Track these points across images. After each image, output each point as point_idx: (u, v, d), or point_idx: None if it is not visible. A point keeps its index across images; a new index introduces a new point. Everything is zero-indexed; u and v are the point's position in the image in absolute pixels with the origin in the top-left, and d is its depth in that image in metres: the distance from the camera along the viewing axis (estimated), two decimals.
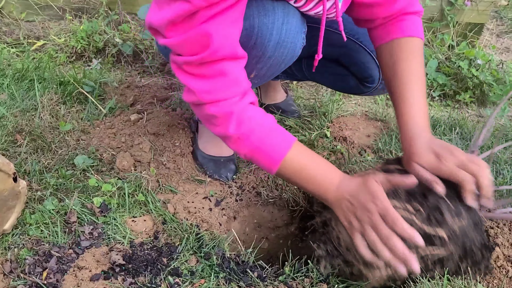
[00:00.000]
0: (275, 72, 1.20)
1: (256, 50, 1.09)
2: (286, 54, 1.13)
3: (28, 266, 1.09)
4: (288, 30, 1.09)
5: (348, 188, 0.99)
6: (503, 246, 1.21)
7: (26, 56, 2.01)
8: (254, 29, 1.06)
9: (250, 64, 1.12)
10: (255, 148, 1.03)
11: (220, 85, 0.99)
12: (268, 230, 1.44)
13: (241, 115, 1.01)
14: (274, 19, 1.06)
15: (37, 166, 1.38)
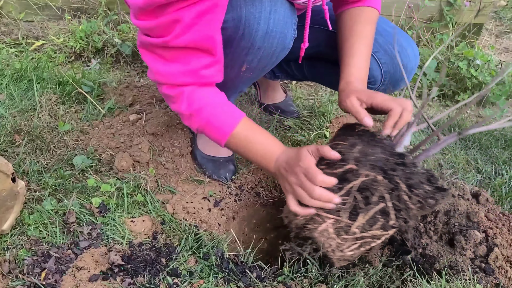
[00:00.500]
0: (268, 64, 1.19)
1: (244, 41, 1.09)
2: (276, 45, 1.13)
3: (26, 267, 1.09)
4: (276, 20, 1.08)
5: (284, 158, 1.07)
6: (502, 246, 1.21)
7: (25, 56, 2.01)
8: (241, 19, 1.06)
9: (240, 56, 1.13)
10: (206, 123, 1.12)
11: (176, 71, 1.05)
12: (267, 231, 1.44)
13: (192, 95, 1.09)
14: (261, 8, 1.06)
15: (36, 166, 1.38)
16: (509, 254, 1.19)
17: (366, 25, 1.23)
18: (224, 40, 1.09)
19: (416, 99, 2.14)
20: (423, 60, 2.19)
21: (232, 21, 1.07)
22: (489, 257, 1.18)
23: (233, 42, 1.10)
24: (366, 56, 1.20)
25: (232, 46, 1.11)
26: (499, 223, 1.31)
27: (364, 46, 1.20)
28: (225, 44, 1.10)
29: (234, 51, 1.13)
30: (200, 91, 1.10)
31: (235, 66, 1.17)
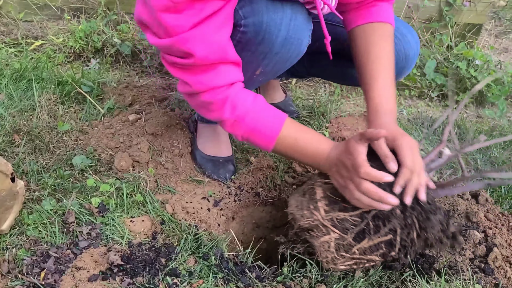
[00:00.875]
0: (280, 69, 1.20)
1: (263, 46, 1.10)
2: (293, 51, 1.13)
3: (26, 267, 1.09)
4: (295, 26, 1.09)
5: (335, 153, 1.05)
6: (501, 246, 1.21)
7: (24, 56, 2.01)
8: (262, 24, 1.07)
9: (256, 60, 1.13)
10: (251, 129, 1.09)
11: (212, 75, 1.04)
12: (266, 231, 1.44)
13: (235, 99, 1.07)
14: (282, 15, 1.07)
15: (35, 166, 1.38)
16: (508, 254, 1.20)
17: (382, 44, 1.17)
18: (242, 44, 1.10)
19: (416, 99, 2.14)
20: (422, 60, 2.19)
21: (253, 26, 1.07)
22: (489, 257, 1.18)
23: (251, 46, 1.10)
24: (389, 78, 1.15)
25: (250, 50, 1.12)
26: (499, 223, 1.31)
27: (384, 68, 1.16)
28: (243, 47, 1.11)
29: (251, 55, 1.13)
30: (241, 96, 1.08)
31: (249, 70, 1.17)
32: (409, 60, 1.34)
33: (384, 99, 1.12)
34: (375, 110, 1.12)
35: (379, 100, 1.12)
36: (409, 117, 1.93)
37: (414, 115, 1.96)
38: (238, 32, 1.09)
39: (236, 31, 1.09)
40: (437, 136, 1.78)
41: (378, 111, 1.11)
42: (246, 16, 1.07)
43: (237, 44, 1.11)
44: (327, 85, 2.12)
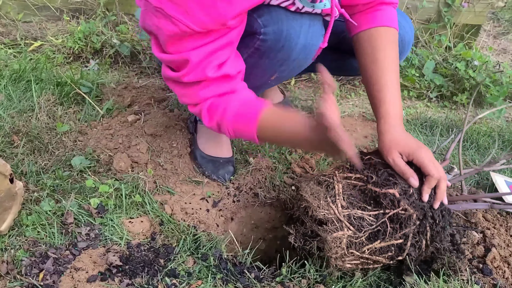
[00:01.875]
0: (295, 74, 1.22)
1: (282, 53, 1.11)
2: (308, 55, 1.15)
3: (24, 268, 1.09)
4: (313, 33, 1.11)
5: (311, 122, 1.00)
6: (499, 247, 1.21)
7: (23, 57, 2.01)
8: (282, 32, 1.08)
9: (274, 67, 1.15)
10: (234, 128, 1.10)
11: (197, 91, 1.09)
12: (265, 231, 1.44)
13: (211, 108, 1.10)
14: (301, 22, 1.09)
15: (34, 167, 1.38)
16: (506, 255, 1.20)
17: (388, 50, 1.18)
18: (260, 51, 1.12)
19: (415, 100, 2.14)
20: (421, 61, 2.20)
21: (273, 34, 1.08)
22: (487, 257, 1.19)
23: (270, 54, 1.12)
24: (396, 84, 1.17)
25: (268, 57, 1.13)
26: (497, 224, 1.31)
27: (391, 73, 1.16)
28: (261, 55, 1.12)
29: (269, 62, 1.14)
30: (217, 100, 1.10)
31: (265, 76, 1.19)
32: (405, 44, 1.35)
33: (393, 105, 1.13)
34: (385, 116, 1.13)
35: (388, 106, 1.13)
36: (408, 118, 1.94)
37: (413, 116, 1.96)
38: (257, 40, 1.10)
39: (255, 38, 1.10)
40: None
41: (388, 116, 1.12)
42: (265, 24, 1.08)
43: (255, 52, 1.12)
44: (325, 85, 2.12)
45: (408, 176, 1.05)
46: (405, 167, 1.06)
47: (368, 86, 1.19)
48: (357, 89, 2.14)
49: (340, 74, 1.74)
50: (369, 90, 1.19)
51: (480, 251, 1.22)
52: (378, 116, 1.14)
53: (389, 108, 1.13)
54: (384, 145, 1.10)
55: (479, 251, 1.22)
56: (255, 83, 1.19)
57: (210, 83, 1.07)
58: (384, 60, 1.16)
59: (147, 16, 1.03)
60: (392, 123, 1.11)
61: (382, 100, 1.14)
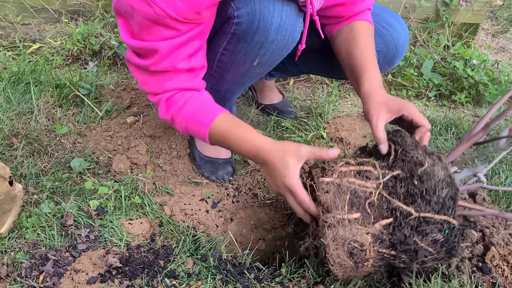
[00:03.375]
0: (277, 58, 1.21)
1: (258, 34, 1.11)
2: (288, 38, 1.14)
3: (24, 270, 1.09)
4: (288, 12, 1.11)
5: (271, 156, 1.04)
6: (498, 245, 1.21)
7: (22, 59, 2.01)
8: (255, 13, 1.08)
9: (253, 51, 1.14)
10: (187, 121, 1.14)
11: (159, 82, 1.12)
12: (265, 232, 1.44)
13: (169, 101, 1.14)
14: (275, 2, 1.08)
15: (33, 170, 1.38)
16: (505, 253, 1.20)
17: (367, 36, 1.24)
18: (237, 35, 1.12)
19: (413, 99, 2.14)
20: (420, 60, 2.20)
21: (247, 16, 1.09)
22: (486, 256, 1.19)
23: (247, 37, 1.12)
24: (376, 61, 1.21)
25: (246, 41, 1.13)
26: (496, 223, 1.31)
27: (373, 53, 1.21)
28: (238, 39, 1.13)
29: (247, 45, 1.14)
30: (177, 96, 1.14)
31: (247, 61, 1.19)
32: (399, 47, 1.37)
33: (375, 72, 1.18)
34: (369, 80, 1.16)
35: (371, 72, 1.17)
36: None
37: None
38: (233, 24, 1.11)
39: (230, 23, 1.11)
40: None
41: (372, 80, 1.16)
42: (238, 7, 1.09)
43: (232, 37, 1.13)
44: (324, 86, 2.12)
45: (381, 142, 1.06)
46: (382, 133, 1.07)
47: (348, 63, 1.24)
48: None
49: (334, 76, 1.75)
50: (350, 65, 1.23)
51: (479, 250, 1.22)
52: (361, 82, 1.17)
53: (372, 74, 1.17)
54: (372, 107, 1.10)
55: (478, 250, 1.22)
56: (239, 71, 1.19)
57: (176, 74, 1.10)
58: (365, 41, 1.22)
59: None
60: (377, 85, 1.15)
61: (365, 69, 1.18)
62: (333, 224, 0.97)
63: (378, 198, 0.99)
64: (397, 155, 1.04)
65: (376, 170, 1.03)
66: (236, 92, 1.36)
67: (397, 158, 1.04)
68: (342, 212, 0.98)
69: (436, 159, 1.03)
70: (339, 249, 0.97)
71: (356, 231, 0.96)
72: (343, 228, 0.97)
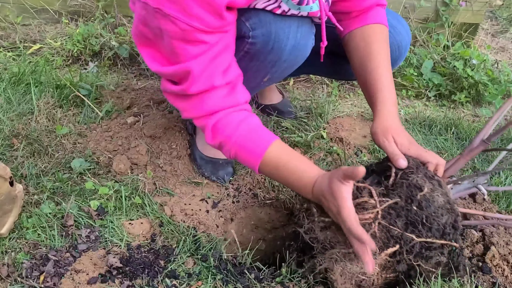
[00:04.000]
0: (287, 74, 1.22)
1: (272, 55, 1.11)
2: (299, 56, 1.16)
3: (25, 270, 1.09)
4: (302, 33, 1.11)
5: (320, 190, 1.01)
6: (498, 245, 1.22)
7: (22, 60, 2.01)
8: (271, 34, 1.08)
9: (265, 69, 1.15)
10: (237, 151, 1.09)
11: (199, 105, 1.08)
12: (265, 232, 1.44)
13: (216, 127, 1.09)
14: (290, 23, 1.09)
15: (34, 170, 1.39)
16: (505, 253, 1.20)
17: (381, 43, 1.21)
18: (250, 54, 1.12)
19: (413, 99, 2.15)
20: (419, 60, 2.20)
21: (262, 37, 1.09)
22: (486, 256, 1.19)
23: (260, 56, 1.12)
24: (391, 76, 1.19)
25: (259, 59, 1.13)
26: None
27: (385, 65, 1.19)
28: (251, 57, 1.13)
29: (260, 64, 1.14)
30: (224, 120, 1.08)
31: (257, 78, 1.19)
32: (402, 49, 1.37)
33: (389, 92, 1.16)
34: (383, 101, 1.14)
35: (386, 93, 1.15)
36: (407, 117, 1.94)
37: (412, 115, 1.96)
38: (246, 43, 1.11)
39: (244, 42, 1.11)
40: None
41: (386, 103, 1.15)
42: (254, 27, 1.09)
43: (245, 55, 1.13)
44: (324, 86, 2.12)
45: (398, 158, 1.05)
46: (396, 148, 1.07)
47: (362, 76, 1.21)
48: (356, 89, 2.15)
49: (337, 78, 1.77)
50: (364, 80, 1.21)
51: (479, 250, 1.22)
52: (374, 101, 1.16)
53: (386, 95, 1.15)
54: (381, 128, 1.11)
55: (478, 250, 1.22)
56: (249, 85, 1.19)
57: (215, 92, 1.06)
58: (378, 52, 1.19)
59: (148, 19, 1.01)
60: (390, 109, 1.14)
61: (379, 88, 1.16)
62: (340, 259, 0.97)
63: (378, 228, 0.98)
64: (397, 177, 1.04)
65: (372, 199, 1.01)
66: None
67: (396, 180, 1.04)
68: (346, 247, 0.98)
69: (436, 184, 1.03)
70: (347, 282, 0.98)
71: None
72: (350, 263, 0.97)
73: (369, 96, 1.19)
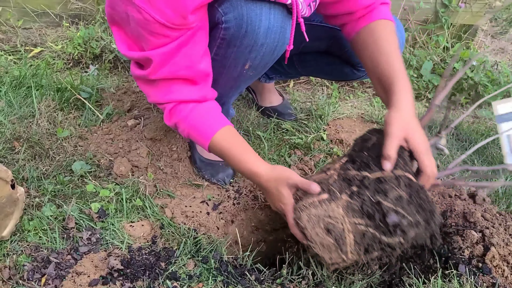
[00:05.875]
0: (269, 61, 1.21)
1: (247, 38, 1.11)
2: (278, 40, 1.14)
3: (26, 273, 1.09)
4: (276, 15, 1.10)
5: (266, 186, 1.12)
6: (498, 246, 1.22)
7: (23, 63, 2.02)
8: (243, 16, 1.08)
9: (244, 54, 1.14)
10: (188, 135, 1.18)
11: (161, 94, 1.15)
12: (265, 233, 1.45)
13: (173, 110, 1.17)
14: (261, 5, 1.08)
15: (35, 173, 1.39)
16: (505, 254, 1.20)
17: (389, 36, 1.19)
18: (226, 40, 1.12)
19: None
20: (419, 62, 2.20)
21: (234, 20, 1.09)
22: (486, 256, 1.19)
23: (236, 41, 1.12)
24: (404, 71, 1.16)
25: (235, 45, 1.13)
26: (496, 223, 1.31)
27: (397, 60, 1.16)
28: (228, 44, 1.13)
29: (237, 50, 1.14)
30: (181, 105, 1.16)
31: (238, 65, 1.19)
32: None
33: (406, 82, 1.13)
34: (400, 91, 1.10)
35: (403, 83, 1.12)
36: None
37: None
38: (221, 30, 1.11)
39: (218, 28, 1.11)
40: None
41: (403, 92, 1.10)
42: (225, 12, 1.09)
43: (222, 42, 1.13)
44: (324, 88, 2.13)
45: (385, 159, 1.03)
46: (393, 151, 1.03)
47: (375, 71, 1.19)
48: (356, 90, 2.15)
49: (332, 78, 1.77)
50: (377, 74, 1.18)
51: (479, 250, 1.22)
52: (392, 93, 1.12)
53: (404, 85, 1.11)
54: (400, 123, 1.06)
55: (478, 250, 1.22)
56: (232, 75, 1.20)
57: (178, 84, 1.13)
58: (388, 44, 1.17)
59: (116, 3, 1.06)
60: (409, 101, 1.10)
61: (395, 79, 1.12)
62: (306, 207, 1.03)
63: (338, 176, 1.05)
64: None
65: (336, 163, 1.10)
66: (232, 95, 1.36)
67: None
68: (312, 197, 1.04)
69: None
70: (316, 227, 1.01)
71: (327, 207, 1.01)
72: (315, 208, 1.02)
73: (383, 90, 1.16)
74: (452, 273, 1.14)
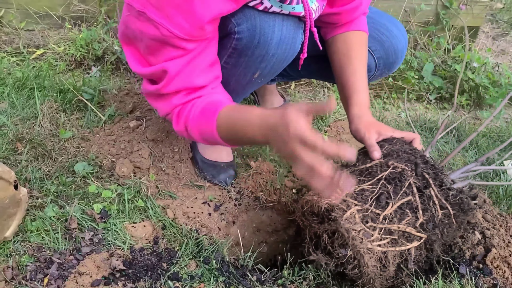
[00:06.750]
0: (278, 70, 1.22)
1: (259, 49, 1.12)
2: (288, 51, 1.16)
3: (29, 273, 1.10)
4: (288, 26, 1.12)
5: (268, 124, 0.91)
6: (499, 247, 1.22)
7: (26, 64, 2.03)
8: (256, 28, 1.09)
9: (254, 64, 1.15)
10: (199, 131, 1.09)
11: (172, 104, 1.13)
12: (266, 234, 1.45)
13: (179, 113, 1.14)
14: (275, 17, 1.10)
15: (38, 174, 1.40)
16: (506, 255, 1.21)
17: (361, 48, 1.30)
18: (238, 50, 1.13)
19: (414, 102, 2.15)
20: (420, 63, 2.21)
21: (247, 31, 1.10)
22: (487, 257, 1.19)
23: (248, 51, 1.13)
24: (366, 79, 1.29)
25: (247, 55, 1.14)
26: (497, 224, 1.32)
27: (364, 69, 1.28)
28: (240, 53, 1.14)
29: (248, 59, 1.15)
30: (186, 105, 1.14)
31: (248, 74, 1.20)
32: (398, 53, 1.40)
33: (365, 95, 1.26)
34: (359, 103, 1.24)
35: (363, 95, 1.25)
36: (408, 120, 1.95)
37: (413, 118, 1.97)
38: (233, 40, 1.12)
39: (231, 38, 1.12)
40: None
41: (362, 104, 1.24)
42: (239, 23, 1.10)
43: (233, 52, 1.14)
44: (325, 89, 2.13)
45: (373, 150, 1.14)
46: (374, 142, 1.16)
47: (340, 78, 1.29)
48: None
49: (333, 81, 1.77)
50: (342, 82, 1.29)
51: (480, 252, 1.23)
52: (350, 103, 1.25)
53: (362, 97, 1.25)
54: (362, 126, 1.20)
55: (479, 252, 1.23)
56: (241, 83, 1.21)
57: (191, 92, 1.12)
58: (356, 57, 1.28)
59: (130, 21, 1.05)
60: (365, 109, 1.24)
61: (356, 90, 1.25)
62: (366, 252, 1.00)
63: None
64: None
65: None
66: (237, 100, 1.37)
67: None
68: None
69: None
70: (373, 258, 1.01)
71: None
72: None
73: (345, 97, 1.27)
74: (453, 274, 1.14)
